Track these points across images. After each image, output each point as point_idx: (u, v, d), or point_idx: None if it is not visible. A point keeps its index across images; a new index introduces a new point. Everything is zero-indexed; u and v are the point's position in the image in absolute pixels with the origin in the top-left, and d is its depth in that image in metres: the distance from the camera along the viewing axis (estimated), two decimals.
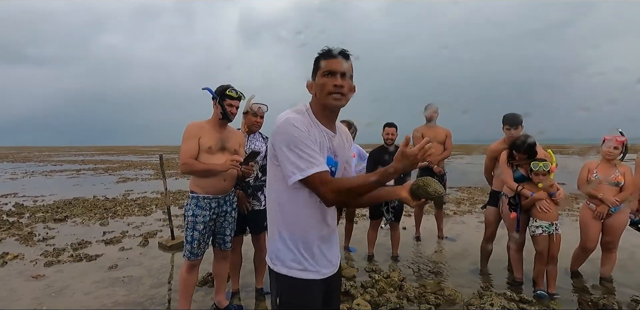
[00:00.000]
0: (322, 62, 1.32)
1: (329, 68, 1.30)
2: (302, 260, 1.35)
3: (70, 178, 13.54)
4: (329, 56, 1.32)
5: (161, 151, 8.38)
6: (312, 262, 1.36)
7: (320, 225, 1.38)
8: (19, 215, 6.47)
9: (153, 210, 6.87)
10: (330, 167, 1.36)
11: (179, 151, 2.43)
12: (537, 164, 2.95)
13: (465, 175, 12.39)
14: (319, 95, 1.34)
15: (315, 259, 1.37)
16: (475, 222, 5.74)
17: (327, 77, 1.31)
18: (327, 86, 1.30)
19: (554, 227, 3.01)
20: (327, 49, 1.33)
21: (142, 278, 3.47)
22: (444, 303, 2.90)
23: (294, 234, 1.36)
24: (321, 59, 1.33)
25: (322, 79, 1.32)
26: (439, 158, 4.53)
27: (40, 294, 3.11)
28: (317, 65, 1.35)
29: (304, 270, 1.35)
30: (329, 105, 1.33)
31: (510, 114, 3.33)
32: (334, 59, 1.31)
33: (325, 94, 1.31)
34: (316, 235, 1.38)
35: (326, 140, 1.37)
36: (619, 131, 3.18)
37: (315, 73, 1.35)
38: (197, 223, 2.43)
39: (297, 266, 1.35)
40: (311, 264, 1.36)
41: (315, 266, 1.37)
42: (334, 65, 1.30)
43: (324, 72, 1.31)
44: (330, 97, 1.31)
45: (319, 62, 1.34)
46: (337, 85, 1.30)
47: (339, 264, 1.51)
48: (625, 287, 3.22)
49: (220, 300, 2.78)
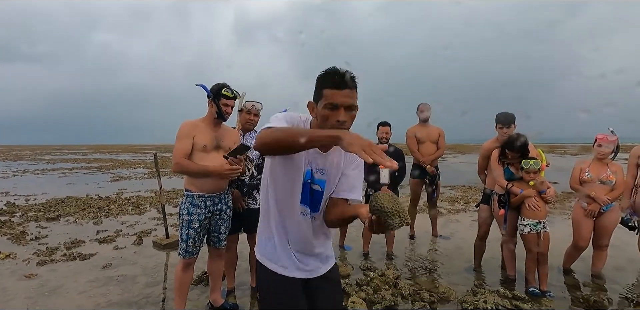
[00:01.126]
0: (326, 91, 1.23)
1: (334, 101, 1.21)
2: (274, 253, 1.46)
3: (62, 177, 13.41)
4: (334, 87, 1.21)
5: (155, 150, 8.34)
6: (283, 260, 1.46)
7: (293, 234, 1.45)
8: (10, 214, 6.40)
9: (147, 209, 6.83)
10: (311, 182, 1.38)
11: (172, 150, 2.42)
12: (528, 162, 2.99)
13: (460, 174, 12.47)
14: (321, 123, 1.28)
15: (284, 259, 1.45)
16: (469, 220, 5.79)
17: (330, 110, 1.23)
18: (329, 120, 1.24)
19: (541, 225, 3.05)
20: (334, 75, 1.22)
21: (137, 277, 3.45)
22: (438, 300, 2.92)
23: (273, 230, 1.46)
24: (326, 87, 1.23)
25: (325, 110, 1.23)
26: (432, 157, 4.55)
27: (33, 294, 3.08)
28: (320, 90, 1.25)
29: (275, 264, 1.46)
30: None
31: (502, 113, 3.36)
32: (339, 90, 1.21)
33: (328, 126, 1.25)
34: (288, 240, 1.46)
35: (310, 152, 1.34)
36: (610, 131, 3.23)
37: (318, 97, 1.27)
38: (192, 221, 2.43)
39: (271, 258, 1.46)
40: (281, 262, 1.45)
41: (285, 265, 1.46)
42: (339, 98, 1.21)
43: (328, 104, 1.22)
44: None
45: (322, 88, 1.24)
46: (339, 120, 1.22)
47: (325, 271, 1.53)
48: (616, 284, 3.27)
49: (215, 298, 2.78)
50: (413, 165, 4.73)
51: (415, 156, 4.64)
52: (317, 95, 1.27)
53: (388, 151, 3.82)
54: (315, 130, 1.18)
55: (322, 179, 1.40)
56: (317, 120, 1.30)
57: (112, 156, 30.46)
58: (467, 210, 6.58)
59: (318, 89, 1.27)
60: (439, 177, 4.62)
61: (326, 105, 1.22)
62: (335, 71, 1.23)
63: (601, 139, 3.19)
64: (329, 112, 1.23)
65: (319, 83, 1.27)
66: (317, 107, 1.27)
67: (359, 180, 1.47)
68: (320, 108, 1.25)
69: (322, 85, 1.25)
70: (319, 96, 1.26)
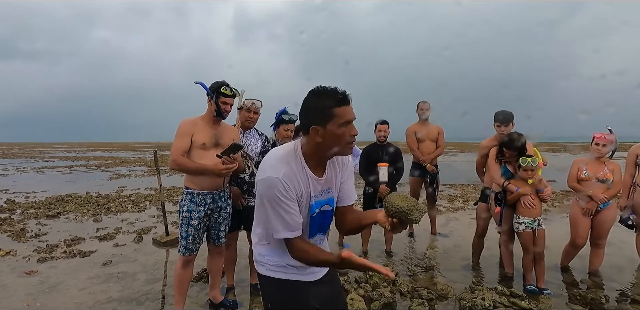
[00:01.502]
0: (336, 110, 1.23)
1: (348, 118, 1.24)
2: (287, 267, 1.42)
3: (62, 174, 13.42)
4: (343, 104, 1.24)
5: (154, 148, 8.33)
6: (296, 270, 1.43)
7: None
8: (10, 211, 6.42)
9: (147, 207, 6.84)
10: (321, 208, 1.40)
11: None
12: (526, 159, 3.00)
13: (459, 173, 12.49)
14: (331, 144, 1.27)
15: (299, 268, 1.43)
16: (468, 218, 5.81)
17: (345, 127, 1.25)
18: (346, 137, 1.26)
19: (536, 223, 3.06)
20: (335, 94, 1.24)
21: (137, 274, 3.47)
22: (436, 297, 2.94)
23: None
24: (334, 106, 1.23)
25: (341, 129, 1.24)
26: (432, 156, 4.56)
27: (34, 290, 3.10)
28: (328, 111, 1.23)
29: (287, 272, 1.42)
30: (344, 153, 1.33)
31: (501, 111, 3.37)
32: (347, 106, 1.25)
33: (343, 144, 1.28)
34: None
35: (310, 187, 1.34)
36: (608, 129, 3.24)
37: (326, 120, 1.24)
38: (191, 219, 2.44)
39: (282, 270, 1.42)
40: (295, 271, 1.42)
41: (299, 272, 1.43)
42: (350, 114, 1.25)
43: (343, 122, 1.24)
44: (347, 146, 1.29)
45: (330, 109, 1.23)
46: (355, 134, 1.28)
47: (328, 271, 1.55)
48: (613, 282, 3.29)
49: (215, 295, 2.80)
50: (413, 163, 4.73)
51: (415, 155, 4.65)
52: (325, 117, 1.24)
53: (388, 151, 3.83)
54: (343, 262, 1.21)
55: (329, 197, 1.43)
56: (324, 142, 1.27)
57: (112, 154, 30.46)
58: (466, 209, 6.60)
59: (324, 110, 1.23)
60: (439, 175, 4.63)
61: (342, 124, 1.24)
62: (334, 90, 1.25)
63: (599, 137, 3.20)
64: (344, 129, 1.25)
65: (322, 105, 1.24)
66: (327, 129, 1.24)
67: (353, 182, 1.54)
68: (334, 128, 1.24)
69: (328, 105, 1.23)
70: (327, 117, 1.23)
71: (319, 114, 1.24)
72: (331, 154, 1.32)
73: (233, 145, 2.24)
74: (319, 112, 1.24)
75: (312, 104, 1.26)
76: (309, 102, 1.27)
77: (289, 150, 1.34)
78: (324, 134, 1.25)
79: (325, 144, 1.27)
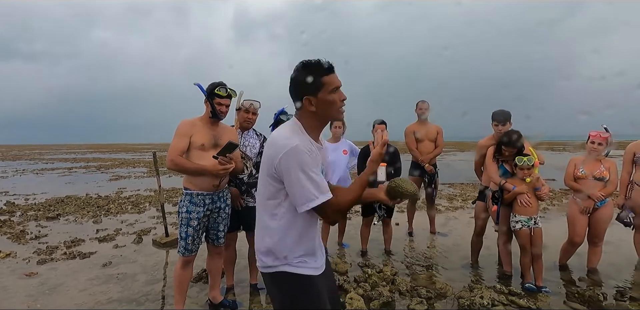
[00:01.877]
0: (325, 78, 1.33)
1: (336, 84, 1.35)
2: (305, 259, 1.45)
3: (62, 176, 13.42)
4: (330, 71, 1.34)
5: (154, 149, 8.35)
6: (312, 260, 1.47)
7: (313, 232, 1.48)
8: (10, 213, 6.42)
9: (146, 208, 6.85)
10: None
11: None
12: (522, 158, 3.02)
13: (458, 172, 12.50)
14: (325, 111, 1.37)
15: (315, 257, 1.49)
16: (467, 217, 5.82)
17: (335, 93, 1.35)
18: (337, 102, 1.37)
19: (532, 221, 3.08)
20: (320, 64, 1.34)
21: (137, 275, 3.48)
22: (435, 296, 2.95)
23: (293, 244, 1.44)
24: (322, 75, 1.33)
25: (332, 95, 1.35)
26: (431, 156, 4.57)
27: (34, 292, 3.11)
28: (318, 80, 1.33)
29: (308, 267, 1.45)
30: (336, 118, 1.44)
31: (498, 111, 3.39)
32: (333, 74, 1.35)
33: (335, 110, 1.38)
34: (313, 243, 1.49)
35: (319, 155, 1.42)
36: (603, 127, 3.26)
37: (316, 89, 1.34)
38: (191, 219, 2.45)
39: (302, 264, 1.44)
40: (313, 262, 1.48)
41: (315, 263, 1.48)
42: (336, 80, 1.35)
43: (333, 89, 1.34)
44: (339, 111, 1.39)
45: (319, 77, 1.33)
46: (343, 99, 1.38)
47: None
48: (610, 279, 3.31)
49: (214, 295, 2.81)
50: (412, 163, 4.75)
51: (413, 154, 4.66)
52: (315, 87, 1.34)
53: (388, 151, 3.84)
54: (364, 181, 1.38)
55: (321, 167, 1.48)
56: (319, 111, 1.36)
57: (111, 155, 30.44)
58: (465, 208, 6.61)
59: (314, 81, 1.33)
60: (438, 175, 4.65)
61: (332, 90, 1.34)
62: (319, 61, 1.34)
63: (594, 135, 3.22)
64: (334, 95, 1.35)
65: (312, 74, 1.32)
66: (319, 97, 1.34)
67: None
68: (325, 95, 1.34)
69: (317, 75, 1.32)
70: (318, 86, 1.34)
71: (309, 85, 1.33)
72: (326, 120, 1.43)
73: (228, 145, 2.24)
74: (309, 83, 1.33)
75: (302, 77, 1.33)
76: (298, 76, 1.35)
77: (290, 126, 1.40)
78: (317, 103, 1.35)
79: (319, 112, 1.37)
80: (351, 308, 2.64)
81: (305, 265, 1.43)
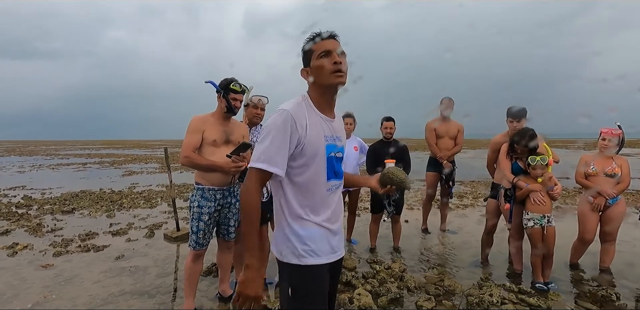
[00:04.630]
0: (313, 45, 1.32)
1: (325, 48, 1.31)
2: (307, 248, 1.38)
3: (76, 171, 13.70)
4: (320, 38, 1.32)
5: (166, 145, 8.48)
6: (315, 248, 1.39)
7: (318, 214, 1.40)
8: (27, 207, 6.60)
9: (158, 203, 6.96)
10: (335, 153, 1.41)
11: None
12: (535, 158, 2.97)
13: (470, 169, 12.37)
14: (318, 78, 1.33)
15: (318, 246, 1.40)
16: (477, 215, 5.77)
17: (324, 57, 1.31)
18: (326, 66, 1.30)
19: (545, 219, 3.03)
20: (315, 35, 1.33)
21: (148, 268, 3.55)
22: (444, 293, 2.94)
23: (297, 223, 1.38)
24: (311, 43, 1.33)
25: (319, 60, 1.31)
26: (449, 153, 4.53)
27: (50, 283, 3.20)
28: (309, 50, 1.34)
29: (313, 255, 1.38)
30: (332, 83, 1.32)
31: (514, 107, 3.34)
32: (325, 40, 1.32)
33: (327, 74, 1.30)
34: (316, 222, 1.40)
35: (325, 126, 1.39)
36: (616, 125, 3.19)
37: (309, 58, 1.35)
38: (202, 214, 2.48)
39: (304, 254, 1.37)
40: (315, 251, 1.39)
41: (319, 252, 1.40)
42: (328, 45, 1.31)
43: (320, 54, 1.31)
44: (332, 75, 1.30)
45: (309, 48, 1.34)
46: (336, 62, 1.29)
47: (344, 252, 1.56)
48: (624, 279, 3.25)
49: (224, 289, 2.85)
50: (429, 159, 4.71)
51: (432, 150, 4.60)
52: (307, 57, 1.35)
53: (396, 148, 3.82)
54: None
55: (341, 146, 1.46)
56: (315, 79, 1.34)
57: (124, 151, 30.95)
58: (476, 206, 6.55)
59: (307, 51, 1.34)
60: (455, 172, 4.61)
61: (319, 55, 1.31)
62: (316, 33, 1.33)
63: (605, 132, 3.16)
64: (323, 59, 1.30)
65: (303, 47, 1.35)
66: (312, 65, 1.33)
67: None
68: (314, 62, 1.32)
69: (307, 45, 1.33)
70: (309, 55, 1.34)
71: (303, 57, 1.35)
72: (324, 88, 1.35)
73: (242, 145, 2.29)
74: (304, 55, 1.35)
75: (302, 48, 1.35)
76: (302, 47, 1.36)
77: (297, 97, 1.40)
78: (311, 72, 1.34)
79: (316, 80, 1.34)
80: (359, 304, 2.65)
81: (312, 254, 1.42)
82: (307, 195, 1.37)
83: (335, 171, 1.43)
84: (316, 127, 1.34)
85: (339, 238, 1.49)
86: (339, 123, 1.48)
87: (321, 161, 1.36)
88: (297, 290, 1.38)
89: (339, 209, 1.48)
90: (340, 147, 1.45)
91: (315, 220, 1.38)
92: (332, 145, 1.40)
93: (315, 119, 1.36)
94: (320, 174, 1.37)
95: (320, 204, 1.40)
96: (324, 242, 1.41)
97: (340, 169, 1.47)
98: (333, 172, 1.42)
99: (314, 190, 1.37)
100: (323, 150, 1.36)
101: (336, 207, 1.46)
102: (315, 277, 1.40)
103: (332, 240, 1.45)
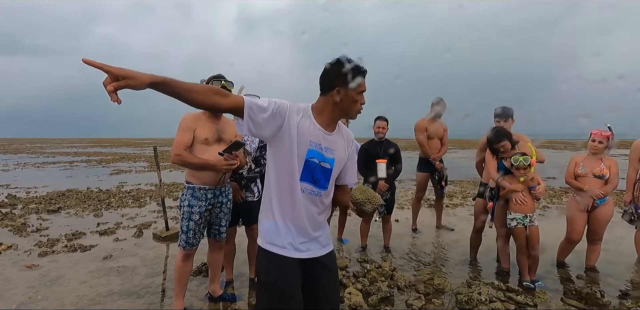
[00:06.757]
0: (360, 79, 1.43)
1: (364, 88, 1.47)
2: (274, 235, 1.51)
3: (63, 170, 13.45)
4: (363, 75, 1.45)
5: (155, 144, 8.33)
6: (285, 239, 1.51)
7: (294, 214, 1.50)
8: (11, 206, 6.45)
9: (147, 202, 6.88)
10: (318, 161, 1.48)
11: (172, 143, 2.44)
12: (517, 158, 3.02)
13: (458, 169, 12.51)
14: (345, 106, 1.47)
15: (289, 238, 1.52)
16: (466, 214, 5.83)
17: (361, 95, 1.48)
18: (358, 103, 1.49)
19: (527, 219, 3.08)
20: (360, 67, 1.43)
21: (137, 268, 3.50)
22: (433, 292, 2.97)
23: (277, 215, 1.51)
24: (359, 75, 1.43)
25: (358, 96, 1.47)
26: (440, 154, 4.59)
27: (35, 283, 3.13)
28: (355, 79, 1.42)
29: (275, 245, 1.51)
30: (350, 115, 1.52)
31: (500, 107, 3.39)
32: (364, 79, 1.46)
33: (354, 109, 1.49)
34: (289, 221, 1.51)
35: (317, 134, 1.47)
36: (607, 126, 3.25)
37: (347, 84, 1.43)
38: (192, 213, 2.46)
39: (271, 240, 1.52)
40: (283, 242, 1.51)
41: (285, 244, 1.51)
42: (365, 85, 1.47)
43: (361, 91, 1.47)
44: (356, 112, 1.51)
45: (357, 78, 1.42)
46: (363, 103, 1.50)
47: (324, 253, 1.60)
48: (609, 277, 3.32)
49: (214, 289, 2.83)
50: (420, 159, 4.75)
51: (424, 151, 4.63)
52: (347, 81, 1.44)
53: (388, 148, 3.84)
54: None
55: (332, 157, 1.52)
56: (342, 103, 1.46)
57: (112, 150, 30.49)
58: (465, 205, 6.62)
59: (352, 77, 1.42)
60: (446, 173, 4.67)
61: (360, 92, 1.47)
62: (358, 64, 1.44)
63: (595, 133, 3.23)
64: (360, 97, 1.48)
65: (351, 71, 1.42)
66: (349, 93, 1.44)
67: (355, 164, 1.71)
68: (354, 93, 1.45)
69: (356, 74, 1.42)
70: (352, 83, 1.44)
71: (346, 79, 1.42)
72: (341, 113, 1.50)
73: (235, 143, 2.26)
74: (346, 77, 1.42)
75: (341, 69, 1.42)
76: (339, 67, 1.42)
77: (301, 104, 1.51)
78: (344, 96, 1.45)
79: (342, 104, 1.46)
80: (350, 303, 2.66)
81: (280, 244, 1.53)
82: (281, 183, 1.47)
83: (313, 176, 1.49)
84: (304, 130, 1.44)
85: (308, 243, 1.55)
86: (337, 138, 1.55)
87: (295, 157, 1.44)
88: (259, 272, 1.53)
89: (311, 217, 1.53)
90: (328, 158, 1.51)
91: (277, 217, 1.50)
92: (316, 151, 1.47)
93: (308, 124, 1.46)
94: (293, 168, 1.44)
95: (290, 201, 1.48)
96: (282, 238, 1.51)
97: (320, 177, 1.51)
98: (310, 176, 1.48)
99: (285, 181, 1.47)
100: (303, 151, 1.44)
101: (307, 214, 1.52)
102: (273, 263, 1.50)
103: (295, 239, 1.52)
